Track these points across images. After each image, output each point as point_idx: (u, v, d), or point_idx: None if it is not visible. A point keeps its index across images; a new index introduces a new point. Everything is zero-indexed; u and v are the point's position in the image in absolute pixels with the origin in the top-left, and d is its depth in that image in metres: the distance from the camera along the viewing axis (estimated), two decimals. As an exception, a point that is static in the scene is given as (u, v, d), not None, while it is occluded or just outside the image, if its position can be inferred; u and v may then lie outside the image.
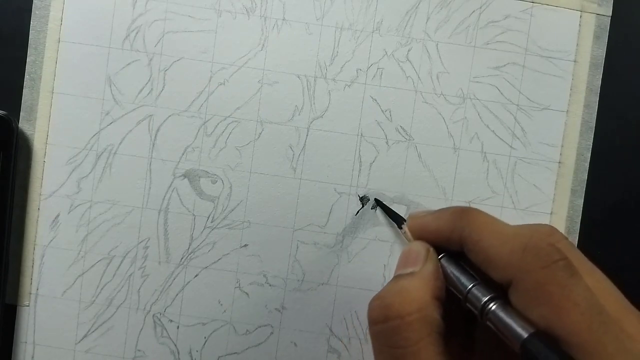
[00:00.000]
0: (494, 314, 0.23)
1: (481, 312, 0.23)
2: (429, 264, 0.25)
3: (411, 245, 0.27)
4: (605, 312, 0.21)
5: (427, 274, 0.25)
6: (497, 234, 0.24)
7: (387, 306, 0.24)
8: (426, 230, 0.27)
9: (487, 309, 0.23)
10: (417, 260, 0.26)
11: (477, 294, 0.24)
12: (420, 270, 0.25)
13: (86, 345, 0.34)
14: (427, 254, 0.26)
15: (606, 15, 0.34)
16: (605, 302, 0.21)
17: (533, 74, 0.34)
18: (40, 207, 0.34)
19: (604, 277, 0.23)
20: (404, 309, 0.23)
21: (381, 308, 0.24)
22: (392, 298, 0.24)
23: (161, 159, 0.34)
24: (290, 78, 0.34)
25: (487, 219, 0.25)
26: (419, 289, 0.24)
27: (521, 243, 0.23)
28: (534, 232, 0.23)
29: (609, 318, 0.20)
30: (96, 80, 0.34)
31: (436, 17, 0.34)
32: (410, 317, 0.23)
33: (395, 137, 0.34)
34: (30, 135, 0.34)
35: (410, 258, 0.26)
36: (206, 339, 0.34)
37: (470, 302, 0.24)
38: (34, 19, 0.34)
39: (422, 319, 0.23)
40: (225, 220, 0.34)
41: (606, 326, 0.20)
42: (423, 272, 0.25)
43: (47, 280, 0.34)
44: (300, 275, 0.34)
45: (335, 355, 0.34)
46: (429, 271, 0.25)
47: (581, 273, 0.22)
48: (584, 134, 0.35)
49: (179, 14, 0.34)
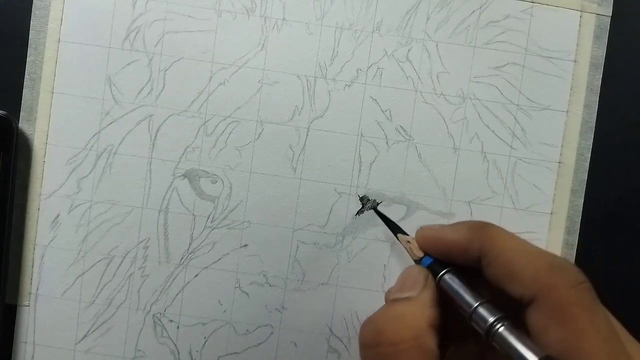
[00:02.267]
0: (501, 336, 0.22)
1: (487, 332, 0.23)
2: (427, 290, 0.25)
3: (410, 269, 0.27)
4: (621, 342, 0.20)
5: (424, 301, 0.24)
6: (522, 251, 0.23)
7: (380, 331, 0.23)
8: (441, 241, 0.26)
9: (495, 330, 0.22)
10: (415, 285, 0.25)
11: (484, 313, 0.23)
12: (417, 296, 0.24)
13: (86, 345, 0.34)
14: (426, 280, 0.25)
15: (606, 15, 0.34)
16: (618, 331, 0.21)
17: (533, 74, 0.34)
18: (40, 207, 0.34)
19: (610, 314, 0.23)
20: (398, 335, 0.23)
21: (375, 333, 0.23)
22: (386, 323, 0.23)
23: (161, 159, 0.34)
24: (290, 78, 0.34)
25: (508, 234, 0.24)
26: (414, 315, 0.23)
27: (548, 261, 0.22)
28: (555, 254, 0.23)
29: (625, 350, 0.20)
30: (96, 80, 0.34)
31: (436, 17, 0.34)
32: (404, 345, 0.22)
33: (395, 137, 0.34)
34: (30, 135, 0.34)
35: (407, 282, 0.25)
36: (206, 339, 0.34)
37: (475, 322, 0.23)
38: (34, 19, 0.34)
39: (416, 347, 0.22)
40: (225, 220, 0.34)
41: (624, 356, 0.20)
42: (421, 298, 0.24)
43: (47, 280, 0.34)
44: (300, 275, 0.34)
45: (335, 355, 0.34)
46: (427, 297, 0.24)
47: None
48: (584, 134, 0.35)
49: (179, 14, 0.34)
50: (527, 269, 0.22)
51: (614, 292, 0.35)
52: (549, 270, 0.22)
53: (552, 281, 0.22)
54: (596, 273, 0.34)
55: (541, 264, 0.22)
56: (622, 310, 0.24)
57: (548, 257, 0.23)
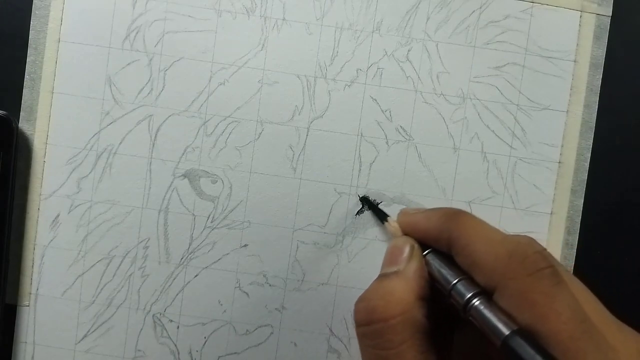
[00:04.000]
0: (476, 310, 0.22)
1: (464, 308, 0.23)
2: (413, 262, 0.25)
3: (396, 241, 0.27)
4: (588, 321, 0.20)
5: (411, 273, 0.25)
6: (485, 239, 0.24)
7: (371, 309, 0.24)
8: (415, 228, 0.27)
9: (470, 305, 0.23)
10: (402, 258, 0.26)
11: (461, 289, 0.23)
12: (404, 269, 0.25)
13: (86, 345, 0.34)
14: (412, 251, 0.26)
15: (606, 15, 0.34)
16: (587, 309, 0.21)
17: (533, 74, 0.34)
18: (40, 207, 0.34)
19: (584, 287, 0.23)
20: (388, 312, 0.23)
21: (366, 311, 0.24)
22: (376, 301, 0.24)
23: (161, 159, 0.34)
24: (290, 78, 0.34)
25: (476, 223, 0.25)
26: (402, 290, 0.24)
27: (507, 249, 0.22)
28: (520, 238, 0.23)
29: (592, 327, 0.20)
30: (96, 80, 0.34)
31: (436, 17, 0.34)
32: (393, 320, 0.23)
33: (395, 137, 0.34)
34: (30, 135, 0.34)
35: (394, 255, 0.26)
36: (206, 339, 0.34)
37: (453, 298, 0.24)
38: (34, 19, 0.34)
39: (405, 322, 0.23)
40: (225, 220, 0.34)
41: (588, 335, 0.20)
42: (407, 271, 0.25)
43: (47, 280, 0.34)
44: (300, 275, 0.34)
45: (335, 355, 0.34)
46: (413, 270, 0.25)
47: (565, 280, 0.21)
48: (584, 134, 0.35)
49: (179, 14, 0.34)
50: (488, 259, 0.23)
51: (614, 292, 0.35)
52: (507, 259, 0.22)
53: (509, 270, 0.22)
54: (596, 273, 0.35)
55: (501, 252, 0.22)
56: (622, 310, 0.24)
57: (509, 245, 0.23)
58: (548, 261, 0.22)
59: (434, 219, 0.26)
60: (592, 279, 0.32)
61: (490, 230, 0.24)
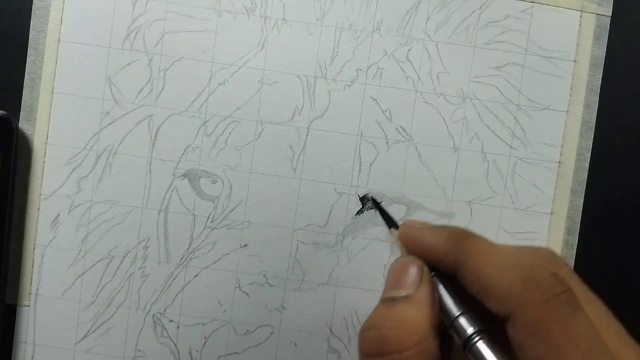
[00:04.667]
0: (477, 349, 0.22)
1: (465, 344, 0.22)
2: (424, 287, 0.23)
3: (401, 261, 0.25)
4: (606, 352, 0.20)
5: (423, 300, 0.23)
6: (496, 264, 0.22)
7: (383, 339, 0.22)
8: (420, 244, 0.25)
9: (471, 342, 0.22)
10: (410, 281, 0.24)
11: (463, 323, 0.23)
12: (415, 294, 0.23)
13: (86, 345, 0.34)
14: (421, 274, 0.24)
15: (606, 15, 0.34)
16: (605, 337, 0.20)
17: (533, 74, 0.34)
18: (40, 207, 0.34)
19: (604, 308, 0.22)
20: (403, 343, 0.22)
21: (377, 341, 0.22)
22: (388, 330, 0.22)
23: (161, 159, 0.34)
24: (290, 78, 0.34)
25: (485, 246, 0.23)
26: (416, 318, 0.22)
27: (521, 274, 0.21)
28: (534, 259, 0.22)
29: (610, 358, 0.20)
30: (96, 80, 0.34)
31: (436, 17, 0.34)
32: (408, 353, 0.21)
33: (395, 137, 0.34)
34: (30, 135, 0.34)
35: (402, 278, 0.24)
36: (206, 339, 0.34)
37: (455, 331, 0.23)
38: (34, 19, 0.34)
39: (421, 353, 0.22)
40: (225, 220, 0.34)
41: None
42: (419, 297, 0.23)
43: (47, 280, 0.34)
44: (300, 275, 0.34)
45: (335, 355, 0.34)
46: (425, 296, 0.23)
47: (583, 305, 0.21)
48: (584, 134, 0.35)
49: (179, 14, 0.34)
50: (500, 285, 0.22)
51: (614, 292, 0.34)
52: (522, 285, 0.21)
53: (525, 297, 0.21)
54: (596, 273, 0.35)
55: (515, 278, 0.21)
56: (622, 310, 0.24)
57: (523, 269, 0.21)
58: (564, 284, 0.21)
59: (440, 237, 0.25)
60: (592, 279, 0.32)
61: (502, 253, 0.23)
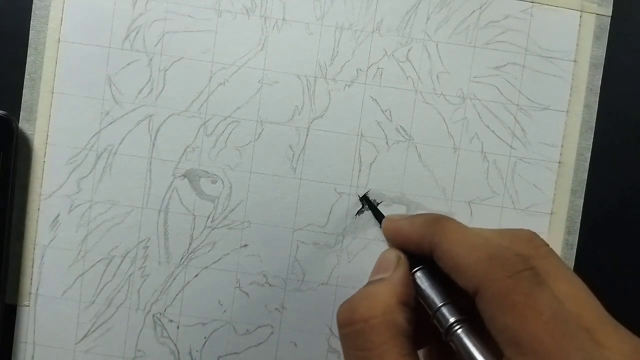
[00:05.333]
0: (457, 337, 0.23)
1: (446, 333, 0.24)
2: (398, 270, 0.26)
3: (385, 252, 0.27)
4: (571, 320, 0.20)
5: (395, 280, 0.25)
6: (465, 243, 0.24)
7: (353, 309, 0.24)
8: (399, 233, 0.27)
9: (453, 331, 0.23)
10: (388, 267, 0.26)
11: (446, 314, 0.24)
12: (389, 276, 0.25)
13: (86, 345, 0.34)
14: (398, 261, 0.26)
15: (606, 15, 0.34)
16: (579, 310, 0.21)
17: (533, 74, 0.34)
18: (40, 207, 0.34)
19: (582, 285, 0.23)
20: (369, 312, 0.24)
21: (348, 311, 0.24)
22: (358, 302, 0.24)
23: (161, 159, 0.34)
24: (290, 78, 0.34)
25: (457, 227, 0.25)
26: (384, 293, 0.24)
27: (487, 252, 0.23)
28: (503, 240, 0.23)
29: (576, 327, 0.20)
30: (96, 80, 0.34)
31: (436, 17, 0.34)
32: (374, 320, 0.23)
33: (395, 137, 0.34)
34: (30, 135, 0.34)
35: (382, 265, 0.26)
36: (206, 339, 0.34)
37: (438, 322, 0.24)
38: (34, 19, 0.34)
39: (385, 322, 0.23)
40: (225, 220, 0.34)
41: (571, 335, 0.20)
42: (391, 278, 0.25)
43: (47, 280, 0.34)
44: (300, 275, 0.34)
45: (335, 355, 0.34)
46: (397, 277, 0.25)
47: (552, 281, 0.22)
48: (584, 134, 0.35)
49: (179, 14, 0.34)
50: (469, 262, 0.23)
51: (614, 291, 0.35)
52: (487, 262, 0.22)
53: (490, 272, 0.22)
54: (596, 273, 0.35)
55: (481, 255, 0.23)
56: (622, 310, 0.24)
57: (489, 249, 0.23)
58: (528, 263, 0.22)
59: (416, 225, 0.26)
60: (592, 279, 0.32)
61: (472, 235, 0.24)
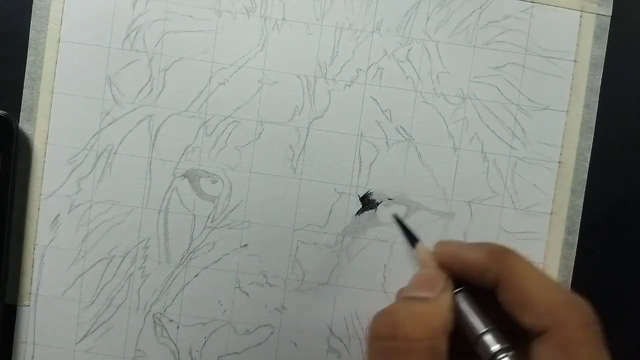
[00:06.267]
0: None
1: (491, 359, 0.23)
2: (446, 294, 0.24)
3: (429, 271, 0.26)
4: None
5: (443, 304, 0.24)
6: (540, 282, 0.24)
7: (396, 325, 0.23)
8: (458, 259, 0.26)
9: (499, 358, 0.22)
10: (435, 287, 0.25)
11: (491, 339, 0.23)
12: (436, 298, 0.24)
13: (86, 345, 0.34)
14: (445, 284, 0.25)
15: (606, 15, 0.34)
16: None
17: (533, 74, 0.34)
18: (40, 207, 0.34)
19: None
20: (415, 333, 0.22)
21: (390, 325, 0.23)
22: (403, 318, 0.23)
23: (161, 159, 0.34)
24: (290, 78, 0.34)
25: (528, 264, 0.25)
26: (433, 317, 0.23)
27: (563, 296, 0.23)
28: (572, 293, 0.23)
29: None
30: (96, 80, 0.34)
31: (436, 17, 0.34)
32: (419, 343, 0.22)
33: (395, 137, 0.34)
34: (30, 135, 0.34)
35: (426, 283, 0.25)
36: (206, 339, 0.34)
37: (481, 346, 0.23)
38: (34, 19, 0.34)
39: (430, 348, 0.22)
40: (225, 220, 0.34)
41: None
42: (440, 301, 0.24)
43: (47, 280, 0.34)
44: (300, 275, 0.34)
45: (335, 355, 0.34)
46: (444, 302, 0.24)
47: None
48: (584, 134, 0.35)
49: (179, 14, 0.34)
50: (543, 301, 0.23)
51: (614, 292, 0.35)
52: (564, 305, 0.22)
53: (565, 316, 0.22)
54: (596, 273, 0.34)
55: (557, 298, 0.23)
56: (622, 310, 0.24)
57: (564, 293, 0.23)
58: (597, 319, 0.22)
59: (482, 253, 0.25)
60: (592, 279, 0.32)
61: (543, 275, 0.24)
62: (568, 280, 0.34)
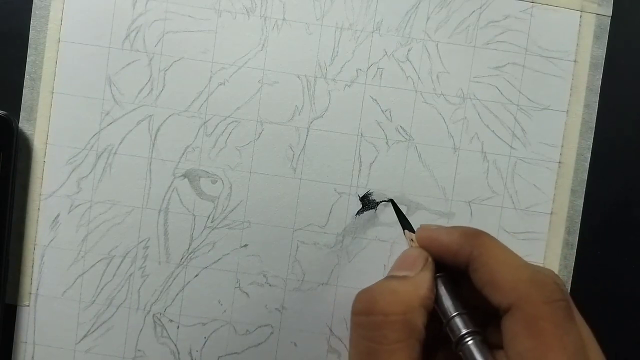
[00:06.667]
0: (467, 349, 0.23)
1: (457, 343, 0.24)
2: (424, 272, 0.26)
3: (411, 250, 0.27)
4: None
5: (420, 281, 0.25)
6: (507, 261, 0.24)
7: (373, 300, 0.24)
8: (435, 241, 0.27)
9: (463, 342, 0.23)
10: (414, 266, 0.26)
11: (459, 323, 0.24)
12: (414, 276, 0.25)
13: (86, 345, 0.34)
14: (425, 263, 0.26)
15: (606, 15, 0.34)
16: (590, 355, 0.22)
17: (533, 74, 0.34)
18: (40, 207, 0.34)
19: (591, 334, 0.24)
20: (389, 307, 0.24)
21: (367, 301, 0.24)
22: (380, 295, 0.24)
23: (161, 159, 0.34)
24: (290, 78, 0.34)
25: (498, 244, 0.25)
26: (408, 293, 0.24)
27: (529, 274, 0.23)
28: (540, 268, 0.24)
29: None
30: (96, 80, 0.34)
31: (436, 17, 0.34)
32: (393, 317, 0.23)
33: (395, 137, 0.34)
34: (30, 135, 0.34)
35: (407, 262, 0.26)
36: (206, 339, 0.34)
37: (450, 329, 0.24)
38: (34, 19, 0.34)
39: (404, 322, 0.23)
40: (225, 220, 0.34)
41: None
42: (417, 278, 0.25)
43: (47, 280, 0.34)
44: (300, 275, 0.34)
45: (335, 355, 0.34)
46: (423, 279, 0.25)
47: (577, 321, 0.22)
48: (584, 134, 0.35)
49: (179, 14, 0.34)
50: (508, 279, 0.23)
51: (614, 292, 0.35)
52: (528, 283, 0.23)
53: (528, 293, 0.22)
54: (596, 273, 0.34)
55: (522, 276, 0.23)
56: (622, 310, 0.24)
57: (530, 271, 0.23)
58: (565, 294, 0.23)
59: (455, 235, 0.26)
60: (592, 279, 0.32)
61: (513, 256, 0.25)
62: (568, 280, 0.34)
